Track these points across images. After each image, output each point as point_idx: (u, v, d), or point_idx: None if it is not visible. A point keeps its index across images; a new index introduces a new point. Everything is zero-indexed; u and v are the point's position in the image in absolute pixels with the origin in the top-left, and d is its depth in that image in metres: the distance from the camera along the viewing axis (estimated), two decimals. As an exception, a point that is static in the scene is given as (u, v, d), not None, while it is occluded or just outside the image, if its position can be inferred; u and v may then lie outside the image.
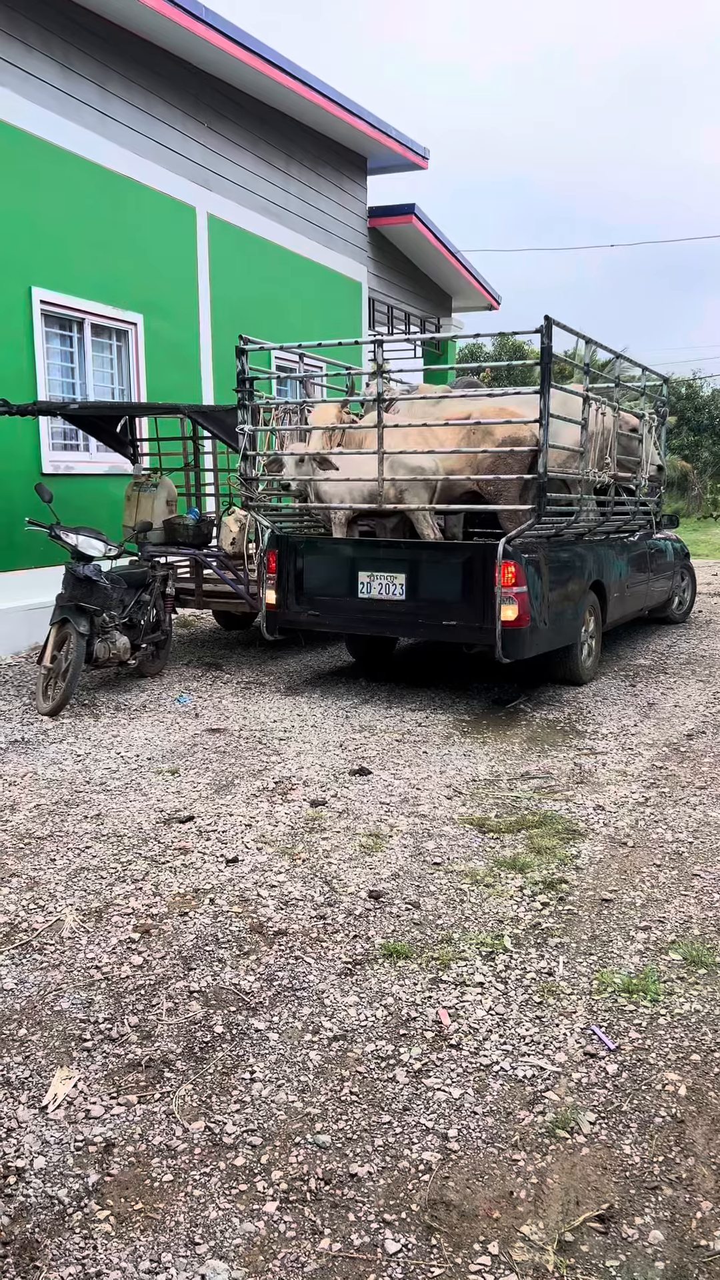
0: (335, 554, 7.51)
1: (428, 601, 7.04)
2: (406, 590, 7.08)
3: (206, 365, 12.20)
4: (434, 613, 7.01)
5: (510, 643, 6.62)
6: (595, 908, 3.81)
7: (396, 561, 7.18)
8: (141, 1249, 2.19)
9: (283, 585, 7.55)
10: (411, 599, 7.08)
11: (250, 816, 4.79)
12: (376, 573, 7.20)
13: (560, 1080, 2.75)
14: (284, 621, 7.67)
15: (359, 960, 3.41)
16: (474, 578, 6.79)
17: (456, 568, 6.94)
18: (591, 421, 7.35)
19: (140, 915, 3.74)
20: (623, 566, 8.69)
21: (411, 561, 7.13)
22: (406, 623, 7.28)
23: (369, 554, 7.38)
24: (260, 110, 12.86)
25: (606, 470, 7.85)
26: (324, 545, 7.71)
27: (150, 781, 5.32)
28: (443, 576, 7.01)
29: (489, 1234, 2.23)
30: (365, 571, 7.24)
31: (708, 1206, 2.30)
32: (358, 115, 13.79)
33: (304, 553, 7.55)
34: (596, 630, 8.03)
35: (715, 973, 3.30)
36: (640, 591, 9.28)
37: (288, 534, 7.89)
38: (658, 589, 9.92)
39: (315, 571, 7.50)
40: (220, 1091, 2.72)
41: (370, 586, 7.21)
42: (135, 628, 7.45)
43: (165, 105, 11.20)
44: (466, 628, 6.91)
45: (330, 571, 7.44)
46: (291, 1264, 2.15)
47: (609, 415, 7.88)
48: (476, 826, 4.66)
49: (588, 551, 7.83)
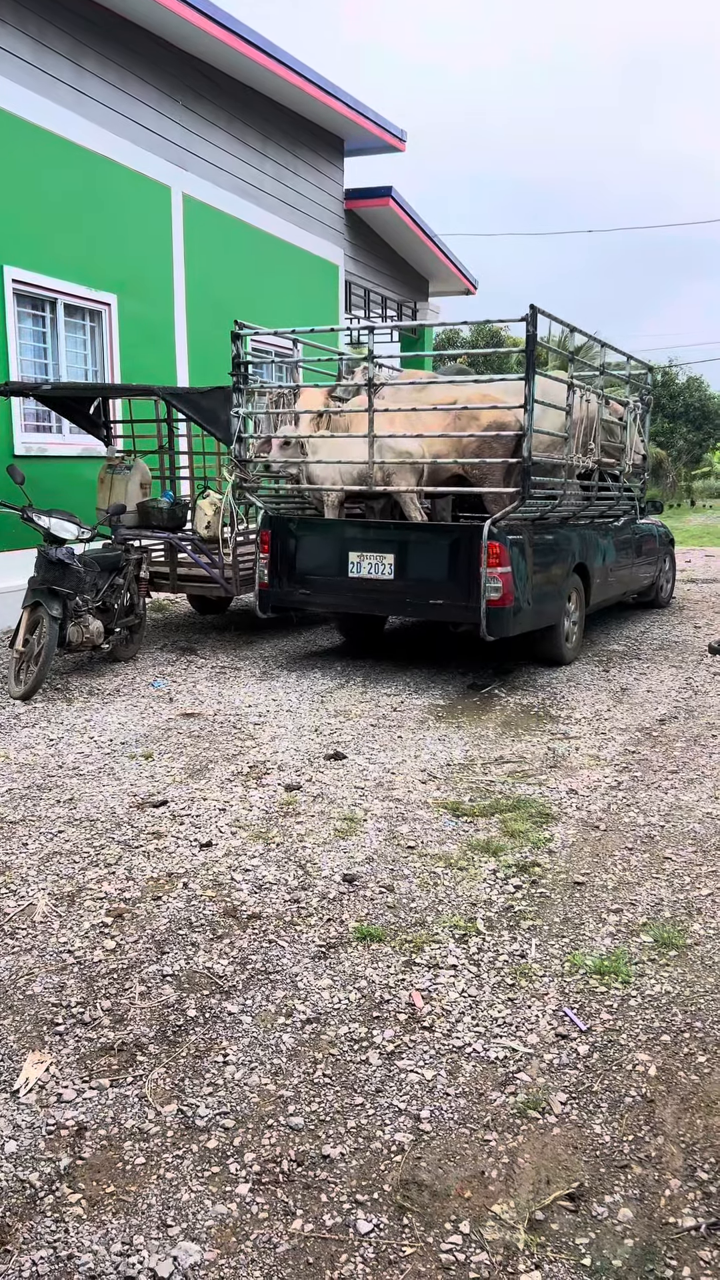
0: (327, 534, 7.68)
1: (416, 581, 7.21)
2: (395, 570, 7.24)
3: (181, 347, 12.10)
4: (422, 592, 7.19)
5: (494, 621, 6.81)
6: (568, 890, 3.83)
7: (385, 542, 7.34)
8: (113, 1231, 2.19)
9: (275, 565, 7.70)
10: (400, 579, 7.24)
11: (224, 801, 4.77)
12: (366, 553, 7.35)
13: (532, 1061, 2.77)
14: (276, 600, 7.82)
15: (333, 943, 3.41)
16: (460, 558, 6.96)
17: (444, 548, 7.13)
18: (575, 408, 7.44)
19: (113, 899, 3.72)
20: (607, 550, 8.80)
21: (400, 542, 7.30)
22: (395, 602, 7.47)
23: (359, 535, 7.55)
24: (237, 90, 12.73)
25: (590, 455, 7.94)
26: (316, 526, 7.85)
27: (123, 766, 5.29)
28: (430, 557, 7.19)
29: (460, 1213, 2.24)
30: (355, 552, 7.39)
31: (676, 1184, 2.32)
32: (335, 96, 13.68)
33: (296, 533, 7.69)
34: (579, 612, 8.17)
35: (686, 954, 3.34)
36: (624, 576, 9.41)
37: (281, 515, 8.01)
38: (642, 574, 10.06)
39: (307, 551, 7.65)
40: (193, 1074, 2.72)
41: (360, 566, 7.36)
42: (108, 611, 7.39)
43: (141, 83, 11.06)
44: (453, 606, 7.10)
45: (322, 552, 7.60)
46: (264, 1245, 2.16)
47: (593, 402, 7.95)
48: (450, 810, 4.68)
49: (571, 535, 7.95)
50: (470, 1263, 2.11)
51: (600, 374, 8.71)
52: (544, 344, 7.24)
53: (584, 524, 8.35)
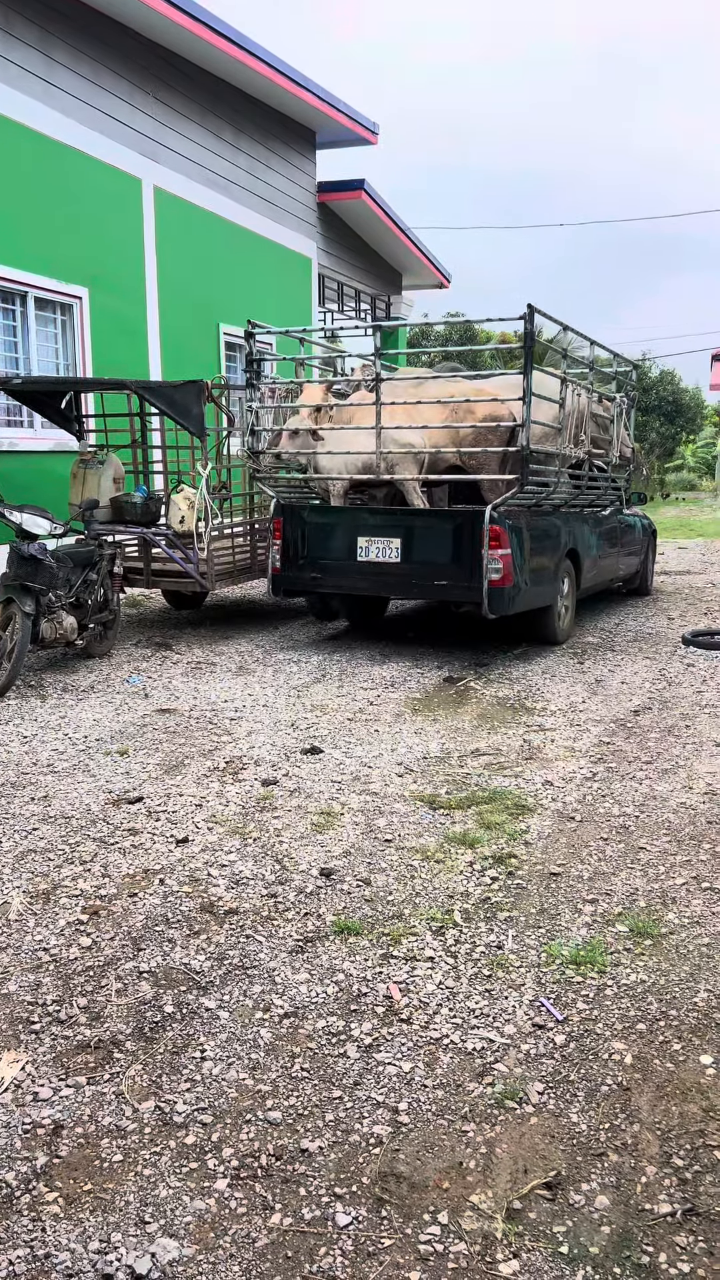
0: (336, 521, 8.08)
1: (421, 564, 7.67)
2: (402, 554, 7.69)
3: (154, 340, 12.03)
4: (427, 574, 7.68)
5: (495, 600, 7.32)
6: (544, 881, 3.85)
7: (393, 527, 7.77)
8: (91, 1229, 2.18)
9: (287, 551, 8.13)
10: (406, 562, 7.69)
11: (200, 796, 4.76)
12: (374, 538, 7.79)
13: (509, 1052, 2.78)
14: (288, 584, 8.31)
15: (310, 938, 3.41)
16: (463, 542, 7.41)
17: (447, 533, 7.57)
18: (568, 401, 7.90)
19: (89, 897, 3.70)
20: (596, 539, 9.30)
21: (406, 527, 7.75)
22: (401, 583, 7.96)
23: (367, 521, 7.94)
24: (208, 82, 12.65)
25: (581, 447, 8.39)
26: (326, 513, 8.24)
27: (98, 763, 5.26)
28: (435, 541, 7.64)
29: (439, 1204, 2.25)
30: (364, 537, 7.82)
31: (652, 1171, 2.34)
32: (306, 88, 13.63)
33: (307, 520, 8.13)
34: (571, 595, 8.65)
35: (660, 943, 3.36)
36: (611, 564, 9.91)
37: (291, 503, 8.44)
38: (627, 562, 10.53)
39: (317, 537, 8.07)
40: (170, 1071, 2.71)
41: (368, 550, 7.80)
42: (82, 607, 7.35)
43: (112, 75, 10.97)
44: (456, 587, 7.55)
45: (332, 537, 8.01)
46: (242, 1240, 2.16)
47: (583, 396, 8.42)
48: (427, 803, 4.69)
49: (563, 523, 8.44)
50: (449, 1253, 2.12)
51: (590, 370, 9.10)
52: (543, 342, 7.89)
53: (575, 513, 8.80)
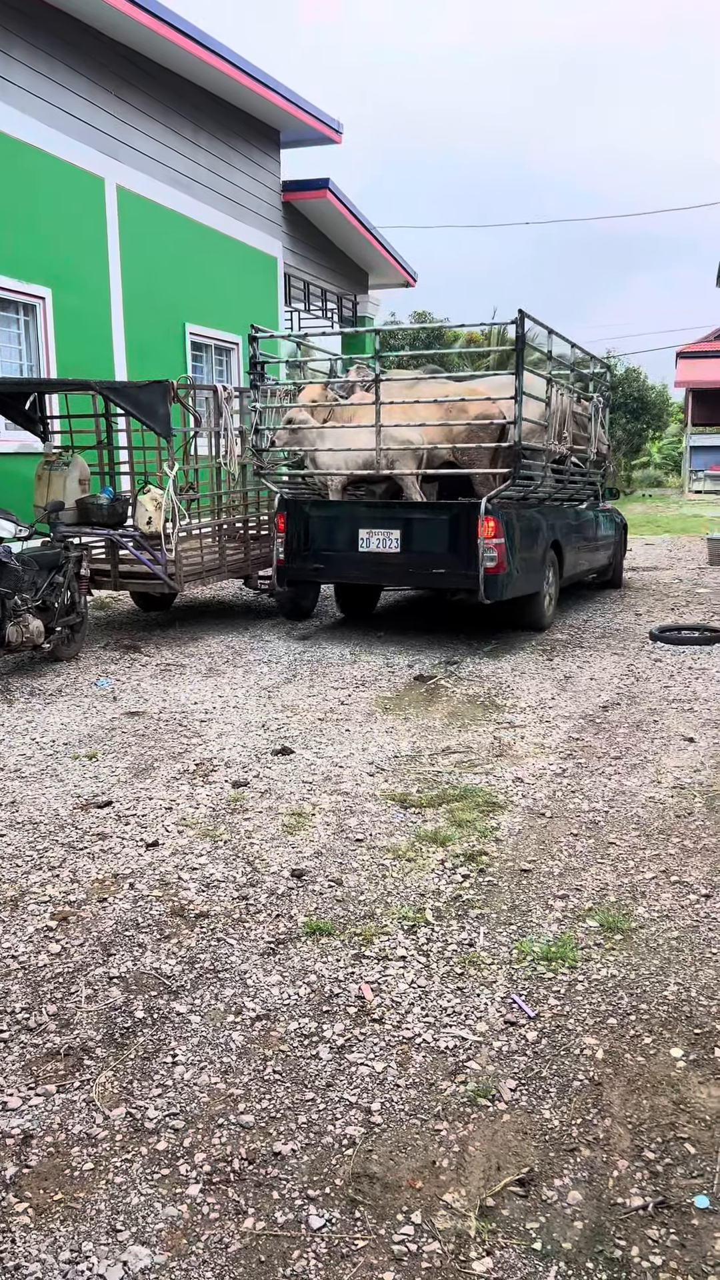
0: (338, 514, 8.51)
1: (420, 553, 8.11)
2: (401, 544, 8.13)
3: (119, 340, 11.95)
4: (426, 563, 8.12)
5: (491, 586, 7.82)
6: (515, 878, 3.86)
7: (393, 520, 8.23)
8: (61, 1239, 2.16)
9: (291, 543, 8.56)
10: (406, 551, 8.13)
11: (170, 799, 4.73)
12: (375, 529, 8.23)
13: (481, 1049, 2.79)
14: (292, 575, 8.73)
15: (282, 939, 3.40)
16: (460, 532, 7.88)
17: (445, 524, 8.04)
18: (553, 400, 8.55)
19: (58, 903, 3.67)
20: (576, 531, 9.86)
21: (406, 519, 8.20)
22: (401, 572, 8.47)
23: (368, 514, 8.38)
24: (170, 80, 12.58)
25: (564, 443, 8.99)
26: (328, 506, 8.68)
27: (67, 767, 5.22)
28: (433, 531, 8.09)
29: (412, 1204, 2.25)
30: (365, 529, 8.26)
31: (624, 1165, 2.35)
32: (269, 86, 13.59)
33: (310, 514, 8.54)
34: (555, 583, 9.20)
35: (630, 938, 3.38)
36: (589, 555, 10.42)
37: (295, 498, 8.84)
38: (603, 554, 11.09)
39: (320, 530, 8.49)
40: (141, 1076, 2.69)
41: (370, 542, 8.24)
42: (49, 610, 7.28)
43: (71, 72, 10.88)
44: (453, 574, 8.02)
45: (334, 530, 8.43)
46: (215, 1245, 2.14)
47: (566, 395, 9.07)
48: (398, 802, 4.69)
49: (548, 516, 8.99)
50: (422, 1253, 2.12)
51: (572, 371, 9.82)
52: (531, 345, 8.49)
53: (558, 507, 9.40)
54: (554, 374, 8.91)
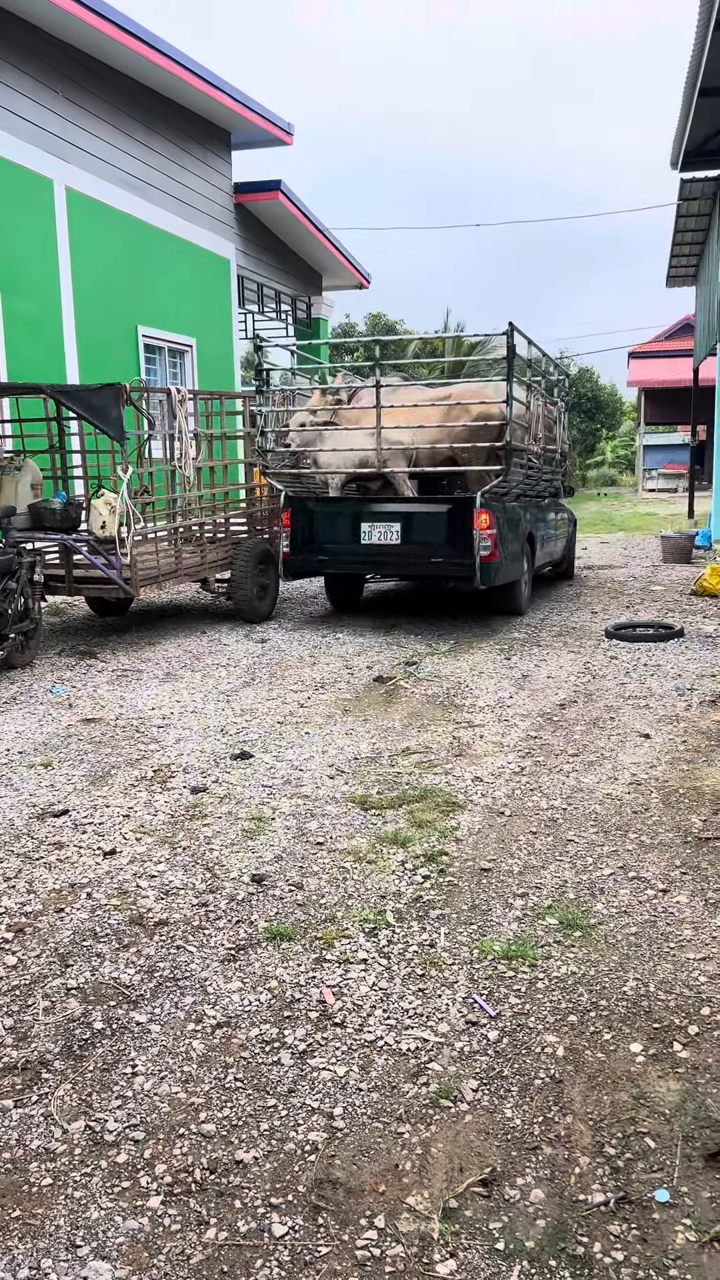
0: (342, 510, 9.17)
1: (419, 544, 8.79)
2: (401, 536, 8.81)
3: (70, 343, 11.83)
4: (424, 553, 8.81)
5: (485, 573, 8.52)
6: (475, 878, 3.87)
7: (393, 514, 8.91)
8: (20, 1257, 2.12)
9: (296, 538, 9.24)
10: (406, 543, 8.81)
11: (128, 807, 4.68)
12: (377, 523, 8.90)
13: (443, 1050, 2.79)
14: (297, 567, 9.44)
15: (242, 945, 3.38)
16: (456, 524, 8.56)
17: (442, 517, 8.70)
18: (531, 404, 9.57)
19: (13, 914, 3.61)
20: (544, 524, 10.67)
21: (405, 513, 8.88)
22: (402, 563, 9.13)
23: (370, 509, 9.03)
24: (119, 81, 12.48)
25: (539, 444, 9.99)
26: (332, 503, 9.34)
27: (22, 776, 5.15)
28: (431, 524, 8.76)
29: (375, 1208, 2.24)
30: (367, 523, 8.93)
31: (585, 1161, 2.37)
32: (219, 88, 13.53)
33: (314, 510, 9.23)
34: (529, 570, 10.00)
35: (590, 934, 3.40)
36: (552, 546, 11.21)
37: (299, 496, 9.47)
38: (560, 546, 11.93)
39: (324, 525, 9.16)
40: (100, 1088, 2.65)
41: (371, 535, 8.90)
42: (2, 617, 7.18)
43: (17, 72, 10.75)
44: (450, 563, 8.68)
45: (337, 524, 9.09)
46: (177, 1258, 2.12)
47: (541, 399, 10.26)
48: (359, 804, 4.68)
49: (524, 510, 9.73)
50: (386, 1257, 2.11)
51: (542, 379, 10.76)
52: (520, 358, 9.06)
53: (531, 501, 10.14)
54: (531, 380, 9.78)
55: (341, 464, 9.43)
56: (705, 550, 14.80)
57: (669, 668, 7.44)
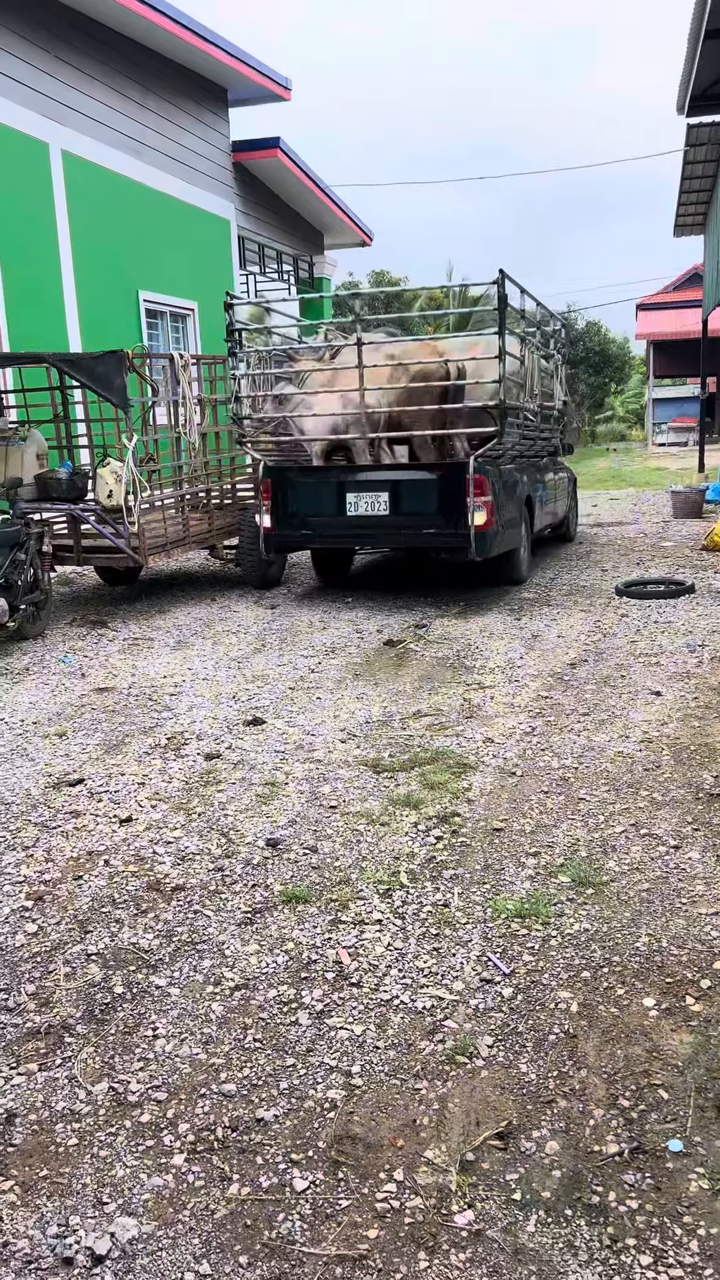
0: (325, 480, 8.53)
1: (409, 514, 8.21)
2: (390, 506, 8.20)
3: (71, 311, 11.74)
4: (415, 524, 8.22)
5: (481, 543, 7.94)
6: (487, 838, 3.90)
7: (380, 482, 8.26)
8: (49, 1214, 2.18)
9: (277, 511, 8.59)
10: (395, 514, 8.21)
11: (143, 774, 4.73)
12: (363, 493, 8.27)
13: (458, 1008, 2.83)
14: (279, 543, 8.81)
15: (258, 909, 3.42)
16: (448, 491, 7.96)
17: (434, 484, 8.13)
18: (526, 358, 8.76)
19: (32, 883, 3.67)
20: (542, 486, 10.01)
21: (393, 481, 8.26)
22: (391, 534, 8.54)
23: (355, 477, 8.38)
24: (112, 39, 12.26)
25: (535, 400, 9.25)
26: (314, 472, 8.70)
27: (37, 746, 5.19)
28: (422, 492, 8.17)
29: (394, 1162, 2.29)
30: (353, 493, 8.29)
31: (599, 1114, 2.41)
32: (214, 43, 13.29)
33: (295, 481, 8.58)
34: (528, 537, 9.37)
35: (602, 891, 3.43)
36: (551, 509, 10.58)
37: (279, 465, 8.83)
38: (561, 507, 11.31)
39: (307, 496, 8.53)
40: (122, 1051, 2.71)
41: (358, 505, 8.28)
42: (11, 589, 7.21)
43: (8, 33, 10.57)
44: (443, 534, 8.11)
45: (321, 495, 8.46)
46: (201, 1212, 2.18)
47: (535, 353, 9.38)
48: (371, 767, 4.71)
49: (521, 472, 9.08)
50: (405, 1209, 2.16)
51: (538, 330, 9.92)
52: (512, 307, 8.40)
53: (528, 463, 9.49)
54: (525, 332, 9.04)
55: (321, 430, 8.77)
56: (716, 505, 14.68)
57: (680, 624, 7.42)
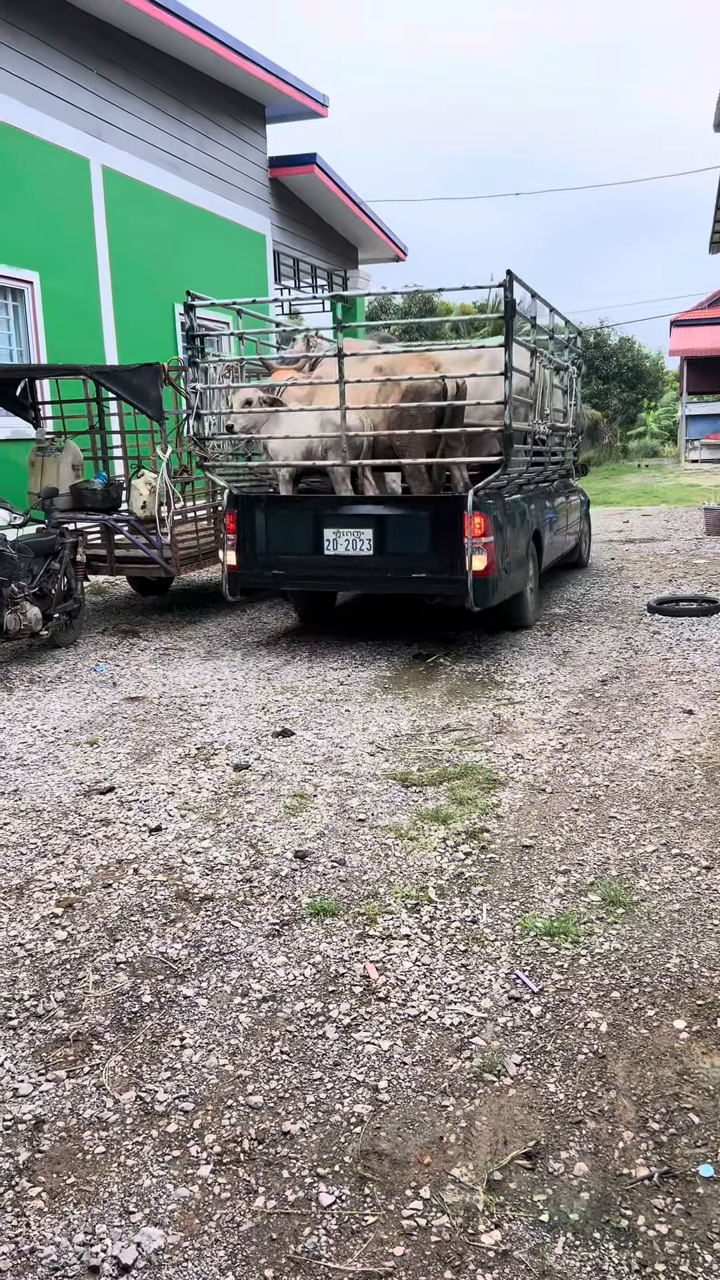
0: (299, 512, 7.34)
1: (396, 555, 7.03)
2: (374, 545, 7.04)
3: (108, 323, 11.88)
4: (403, 567, 7.02)
5: (480, 592, 6.74)
6: (516, 854, 3.88)
7: (363, 517, 7.10)
8: (75, 1222, 2.19)
9: (243, 546, 7.36)
10: (380, 554, 7.04)
11: (172, 784, 4.75)
12: (343, 529, 7.10)
13: (486, 1025, 2.81)
14: (246, 583, 7.55)
15: (286, 921, 3.42)
16: (443, 530, 6.82)
17: (425, 521, 6.95)
18: (537, 373, 7.51)
19: (63, 890, 3.69)
20: (552, 515, 8.87)
21: (379, 517, 7.08)
22: (375, 578, 7.27)
23: (334, 511, 7.22)
24: (152, 57, 12.43)
25: (546, 421, 8.02)
26: (287, 504, 7.52)
27: (68, 754, 5.23)
28: (411, 530, 7.00)
29: (420, 1179, 2.28)
30: (331, 529, 7.13)
31: (629, 1136, 2.38)
32: (253, 61, 13.44)
33: (266, 512, 7.37)
34: (535, 575, 8.20)
35: (633, 911, 3.40)
36: (562, 539, 9.51)
37: (248, 494, 7.70)
38: (572, 536, 10.25)
39: (278, 530, 7.31)
40: (150, 1060, 2.71)
41: (337, 543, 7.11)
42: (46, 597, 7.28)
43: (51, 51, 10.75)
44: (437, 579, 6.95)
45: (294, 530, 7.26)
46: (227, 1224, 2.17)
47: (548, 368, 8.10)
48: (399, 781, 4.70)
49: (528, 502, 7.91)
50: (431, 1227, 2.15)
51: (551, 339, 8.70)
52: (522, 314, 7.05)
53: (535, 491, 8.30)
54: (537, 341, 7.92)
55: (291, 453, 7.52)
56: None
57: (713, 642, 7.36)
